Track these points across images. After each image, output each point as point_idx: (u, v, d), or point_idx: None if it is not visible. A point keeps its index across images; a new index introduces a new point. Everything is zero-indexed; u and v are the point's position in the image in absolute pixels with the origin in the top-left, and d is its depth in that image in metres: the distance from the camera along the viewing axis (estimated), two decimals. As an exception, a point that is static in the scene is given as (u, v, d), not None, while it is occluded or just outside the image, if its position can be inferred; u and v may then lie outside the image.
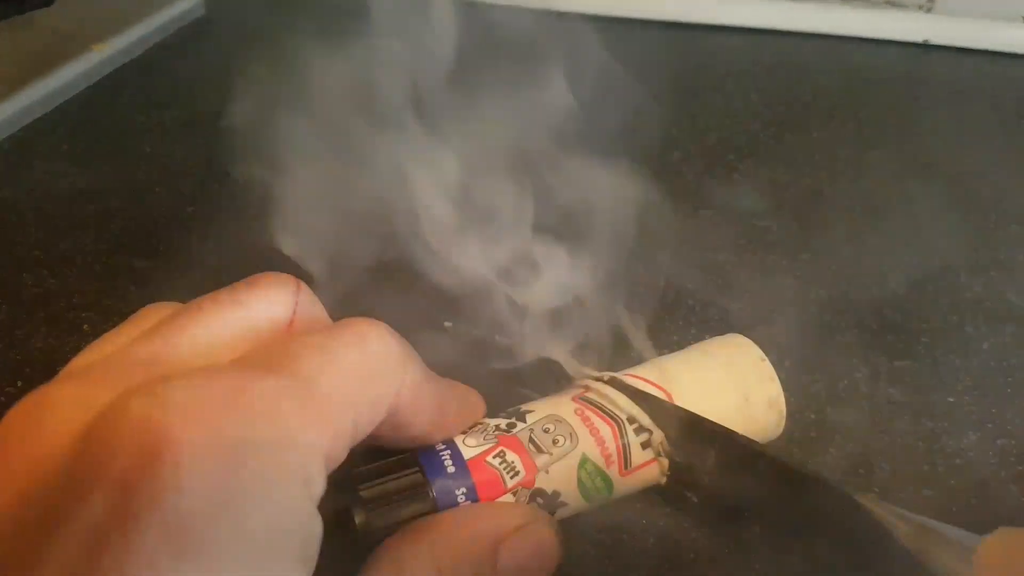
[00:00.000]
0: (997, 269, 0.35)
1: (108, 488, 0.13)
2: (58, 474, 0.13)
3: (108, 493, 0.12)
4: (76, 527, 0.12)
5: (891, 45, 0.56)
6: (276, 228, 0.31)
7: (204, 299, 0.18)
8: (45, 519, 0.13)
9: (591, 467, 0.22)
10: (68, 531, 0.12)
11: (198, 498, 0.13)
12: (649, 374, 0.24)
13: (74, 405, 0.15)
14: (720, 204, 0.39)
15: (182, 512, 0.12)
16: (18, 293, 0.34)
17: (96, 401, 0.14)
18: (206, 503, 0.13)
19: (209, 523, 0.13)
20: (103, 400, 0.14)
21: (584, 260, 0.36)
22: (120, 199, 0.40)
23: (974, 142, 0.45)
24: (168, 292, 0.34)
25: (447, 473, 0.20)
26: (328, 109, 0.38)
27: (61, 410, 0.15)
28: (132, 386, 0.14)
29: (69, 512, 0.13)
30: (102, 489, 0.13)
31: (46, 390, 0.15)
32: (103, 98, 0.49)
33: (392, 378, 0.17)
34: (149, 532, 0.12)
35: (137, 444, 0.13)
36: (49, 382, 0.16)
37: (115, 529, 0.12)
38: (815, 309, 0.33)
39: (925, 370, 0.30)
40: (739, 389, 0.24)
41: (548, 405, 0.23)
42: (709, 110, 0.48)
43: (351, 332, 0.17)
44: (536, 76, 0.37)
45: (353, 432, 0.16)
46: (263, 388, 0.15)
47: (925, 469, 0.26)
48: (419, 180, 0.31)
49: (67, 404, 0.15)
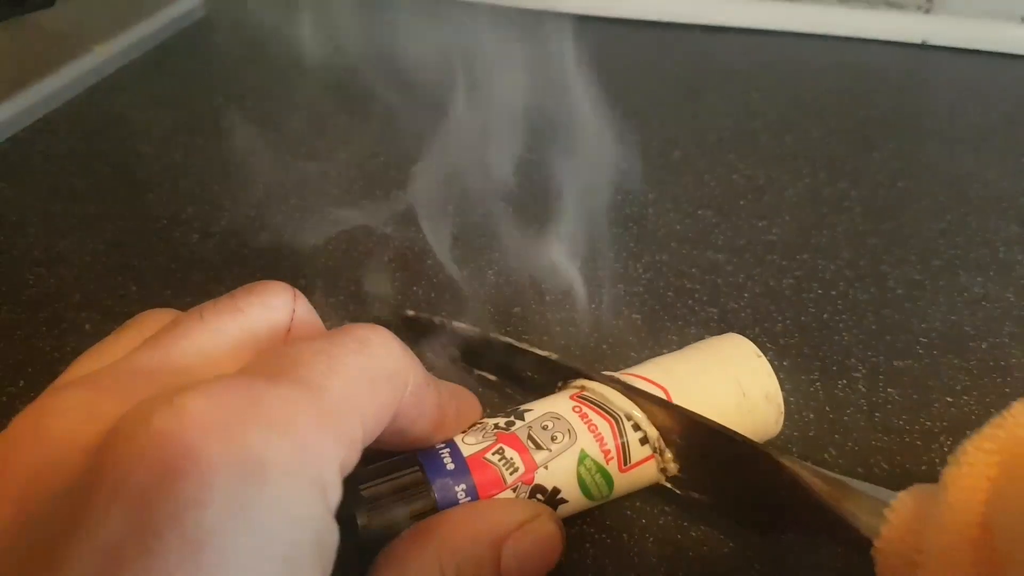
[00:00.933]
0: (996, 269, 0.35)
1: (127, 503, 0.12)
2: (70, 487, 0.13)
3: (127, 509, 0.12)
4: (94, 543, 0.12)
5: (890, 46, 0.56)
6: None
7: (204, 306, 0.18)
8: (59, 535, 0.12)
9: (590, 463, 0.22)
10: (86, 548, 0.12)
11: (219, 512, 0.12)
12: (647, 372, 0.25)
13: (82, 415, 0.14)
14: (719, 204, 0.39)
15: (204, 527, 0.12)
16: (19, 293, 0.34)
17: (105, 411, 0.14)
18: (227, 517, 0.12)
19: (230, 537, 0.12)
20: (112, 411, 0.14)
21: (585, 260, 0.36)
22: (120, 199, 0.40)
23: (973, 142, 0.45)
24: (169, 292, 0.34)
25: (447, 471, 0.20)
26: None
27: (69, 419, 0.14)
28: (145, 397, 0.14)
29: (86, 528, 0.12)
30: (121, 505, 0.12)
31: (52, 398, 0.15)
32: (104, 99, 0.49)
33: (396, 382, 0.17)
34: (171, 549, 0.12)
35: (157, 458, 0.13)
36: (52, 389, 0.15)
37: (135, 546, 0.12)
38: (814, 309, 0.33)
39: (924, 370, 0.30)
40: (736, 384, 0.24)
41: (546, 404, 0.23)
42: (709, 110, 0.48)
43: (353, 338, 0.17)
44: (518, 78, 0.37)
45: (363, 438, 0.16)
46: (279, 397, 0.14)
47: (923, 469, 0.27)
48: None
49: (74, 413, 0.15)
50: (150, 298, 0.34)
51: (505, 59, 0.40)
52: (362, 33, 0.45)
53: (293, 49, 0.44)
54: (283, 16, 0.63)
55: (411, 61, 0.54)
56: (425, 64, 0.53)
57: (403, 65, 0.53)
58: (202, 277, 0.35)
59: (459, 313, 0.33)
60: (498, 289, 0.34)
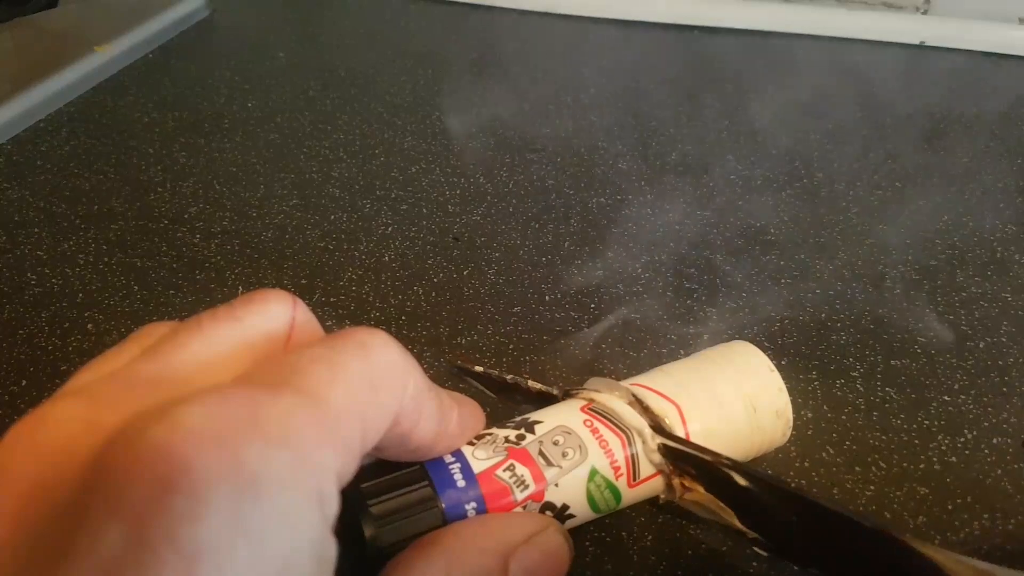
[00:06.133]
0: (994, 268, 0.35)
1: (123, 519, 0.12)
2: (66, 502, 0.13)
3: (123, 524, 0.12)
4: (92, 561, 0.12)
5: (888, 46, 0.56)
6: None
7: (203, 316, 0.17)
8: (58, 552, 0.12)
9: (600, 479, 0.22)
10: (84, 565, 0.12)
11: (216, 527, 0.12)
12: (658, 384, 0.24)
13: (78, 426, 0.14)
14: (718, 204, 0.40)
15: (199, 542, 0.12)
16: (21, 292, 0.34)
17: (101, 422, 0.14)
18: (224, 532, 0.12)
19: (226, 552, 0.12)
20: (109, 422, 0.14)
21: (585, 260, 0.36)
22: (123, 200, 0.40)
23: (971, 143, 0.45)
24: (171, 292, 0.34)
25: (457, 487, 0.20)
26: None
27: (64, 430, 0.14)
28: (141, 409, 0.14)
29: (83, 545, 0.12)
30: (117, 521, 0.12)
31: (48, 408, 0.15)
32: (107, 99, 0.49)
33: (396, 387, 0.17)
34: (166, 564, 0.12)
35: (152, 472, 0.12)
36: (50, 400, 0.15)
37: (131, 562, 0.12)
38: (812, 308, 0.33)
39: (921, 369, 0.30)
40: (748, 400, 0.24)
41: (557, 415, 0.23)
42: (709, 110, 0.48)
43: (353, 342, 0.17)
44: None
45: (362, 445, 0.16)
46: (277, 408, 0.14)
47: (921, 468, 0.27)
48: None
49: (71, 425, 0.14)
50: (152, 298, 0.34)
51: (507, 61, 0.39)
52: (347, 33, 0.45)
53: (294, 49, 0.44)
54: (285, 17, 0.63)
55: (412, 61, 0.54)
56: (424, 64, 0.54)
57: (402, 65, 0.54)
58: (204, 277, 0.35)
59: (460, 312, 0.33)
60: (498, 289, 0.34)
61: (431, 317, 0.33)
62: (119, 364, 0.17)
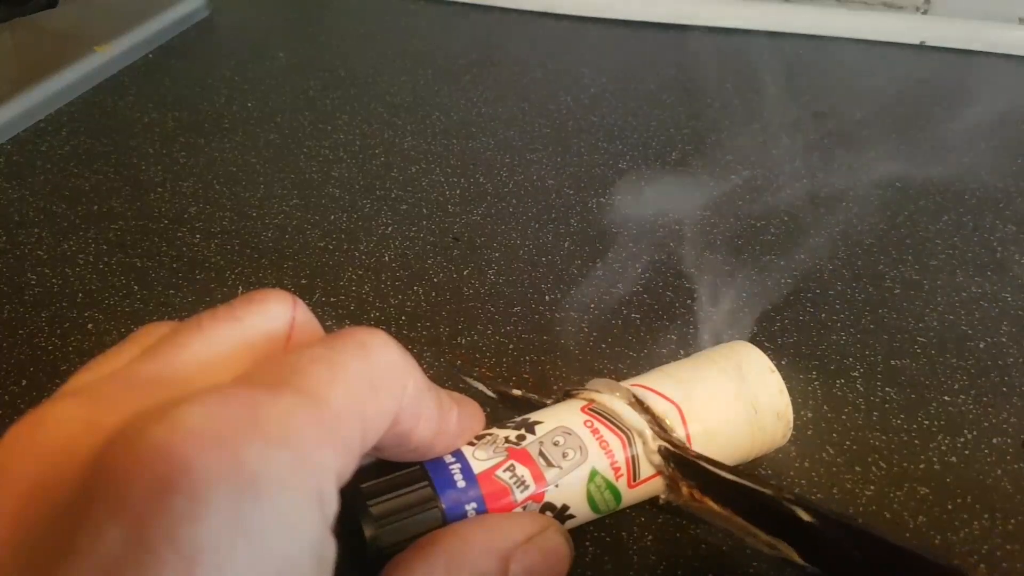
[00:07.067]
0: (994, 269, 0.36)
1: (122, 519, 0.12)
2: (66, 502, 0.13)
3: (122, 525, 0.12)
4: (92, 561, 0.12)
5: (888, 47, 0.56)
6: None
7: (203, 316, 0.17)
8: (57, 553, 0.12)
9: (600, 480, 0.22)
10: (84, 565, 0.12)
11: (215, 528, 0.12)
12: (659, 385, 0.24)
13: (78, 426, 0.14)
14: (718, 204, 0.40)
15: (198, 543, 0.12)
16: (22, 292, 0.34)
17: (101, 422, 0.14)
18: (224, 532, 0.12)
19: (225, 553, 0.12)
20: (108, 422, 0.14)
21: (585, 260, 0.36)
22: (123, 200, 0.40)
23: (970, 142, 0.45)
24: (171, 292, 0.34)
25: (457, 487, 0.20)
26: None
27: (64, 430, 0.14)
28: (141, 409, 0.14)
29: (83, 545, 0.12)
30: (117, 521, 0.12)
31: (48, 408, 0.15)
32: (106, 99, 0.49)
33: (396, 386, 0.17)
34: (165, 564, 0.12)
35: (151, 473, 0.12)
36: (50, 400, 0.15)
37: (131, 563, 0.12)
38: (812, 308, 0.33)
39: (921, 369, 0.30)
40: (749, 401, 0.24)
41: (557, 415, 0.23)
42: (708, 110, 0.48)
43: (353, 342, 0.17)
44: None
45: (362, 445, 0.16)
46: (277, 408, 0.14)
47: (921, 468, 0.27)
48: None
49: (71, 425, 0.14)
50: (152, 298, 0.34)
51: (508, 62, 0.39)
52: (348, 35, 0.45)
53: (294, 49, 0.44)
54: (286, 17, 0.63)
55: (411, 61, 0.54)
56: (424, 64, 0.54)
57: (402, 65, 0.54)
58: (204, 277, 0.35)
59: (460, 312, 0.33)
60: (498, 289, 0.34)
61: (431, 317, 0.33)
62: (119, 364, 0.17)
